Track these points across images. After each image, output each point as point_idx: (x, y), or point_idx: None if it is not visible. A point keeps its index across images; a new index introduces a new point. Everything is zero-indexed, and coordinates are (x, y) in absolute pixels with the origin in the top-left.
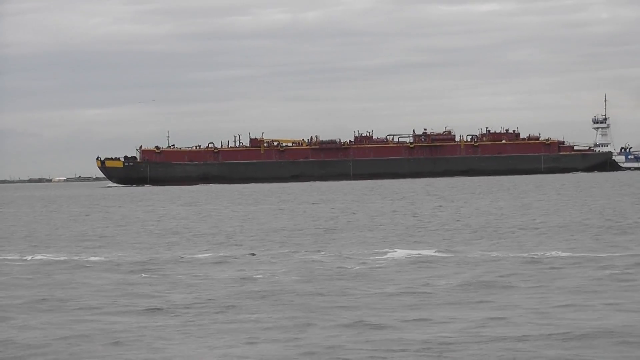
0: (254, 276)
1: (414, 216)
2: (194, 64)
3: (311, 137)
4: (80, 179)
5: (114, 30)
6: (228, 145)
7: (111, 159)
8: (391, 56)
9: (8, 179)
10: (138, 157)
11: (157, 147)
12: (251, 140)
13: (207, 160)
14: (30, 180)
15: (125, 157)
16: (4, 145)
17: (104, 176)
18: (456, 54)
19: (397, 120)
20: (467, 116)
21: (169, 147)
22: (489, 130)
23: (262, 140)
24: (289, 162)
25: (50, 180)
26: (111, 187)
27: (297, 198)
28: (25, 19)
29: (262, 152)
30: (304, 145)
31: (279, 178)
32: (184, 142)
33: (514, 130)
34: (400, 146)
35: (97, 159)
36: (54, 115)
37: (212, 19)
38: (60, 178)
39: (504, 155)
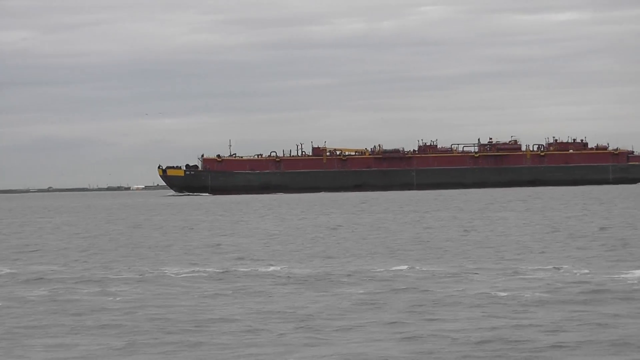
0: None
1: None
2: (268, 73)
3: (374, 146)
4: (158, 187)
5: (190, 40)
6: (290, 154)
7: (173, 167)
8: (465, 66)
9: (87, 187)
10: (200, 166)
11: (218, 155)
12: (313, 149)
13: (269, 169)
14: (109, 189)
15: (187, 166)
16: (82, 154)
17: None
18: (529, 63)
19: (465, 129)
20: (536, 126)
21: (231, 155)
22: (556, 140)
23: (324, 149)
24: (351, 171)
25: (128, 189)
26: (172, 196)
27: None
28: (102, 29)
29: (324, 161)
30: (366, 154)
31: (341, 187)
32: (254, 150)
33: (581, 140)
34: (465, 156)
35: (158, 167)
36: (130, 124)
37: (287, 28)
38: (139, 186)
39: (570, 165)
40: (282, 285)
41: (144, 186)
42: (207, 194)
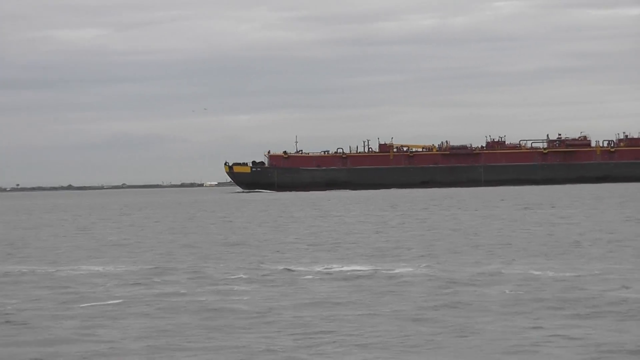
0: None
1: None
2: (340, 70)
3: (441, 142)
4: (231, 183)
5: (263, 36)
6: (357, 150)
7: (239, 164)
8: (536, 61)
9: (161, 183)
10: (266, 163)
11: (285, 152)
12: (380, 145)
13: (335, 165)
14: (182, 185)
15: (253, 163)
16: (155, 150)
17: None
18: (601, 59)
19: (534, 126)
20: (606, 122)
21: (297, 152)
22: (627, 136)
23: (391, 146)
24: (418, 167)
25: (201, 185)
26: (239, 192)
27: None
28: (177, 26)
29: (391, 157)
30: (434, 150)
31: (408, 184)
32: (322, 147)
33: None
34: (533, 152)
35: (225, 164)
36: (203, 121)
37: (359, 25)
38: (212, 183)
39: None
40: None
41: (217, 183)
42: (272, 191)
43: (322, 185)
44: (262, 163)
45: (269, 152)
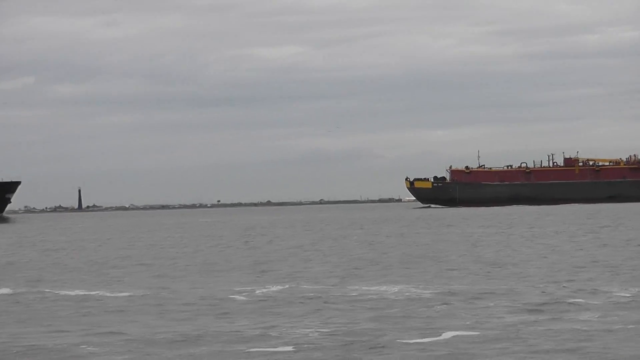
0: None
1: None
2: (535, 84)
3: (629, 156)
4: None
5: (461, 51)
6: (541, 165)
7: (420, 179)
8: None
9: (358, 199)
10: (447, 178)
11: (466, 167)
12: (565, 159)
13: (518, 180)
14: (380, 200)
15: (435, 178)
16: (351, 166)
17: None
18: None
19: None
20: None
21: (479, 167)
22: None
23: (576, 160)
24: (604, 182)
25: (399, 200)
26: (420, 208)
27: None
28: (374, 42)
29: (577, 171)
30: (621, 164)
31: (594, 199)
32: (511, 161)
33: None
34: None
35: (406, 179)
36: (398, 137)
37: (557, 38)
38: (410, 198)
39: None
40: None
41: (414, 198)
42: (455, 207)
43: (504, 201)
44: (444, 178)
45: (450, 167)
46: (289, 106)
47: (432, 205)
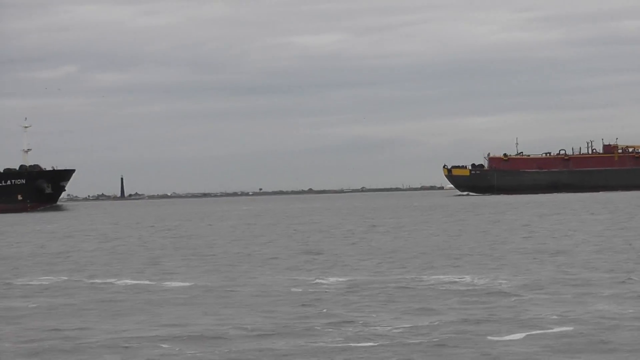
0: None
1: None
2: (574, 70)
3: None
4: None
5: (502, 38)
6: (580, 152)
7: (458, 167)
8: None
9: (400, 186)
10: (485, 165)
11: (505, 154)
12: (604, 146)
13: (557, 167)
14: (422, 188)
15: (473, 165)
16: (392, 153)
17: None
18: None
19: None
20: None
21: (518, 154)
22: None
23: (616, 147)
24: None
25: (441, 188)
26: (457, 195)
27: None
28: (414, 29)
29: (616, 158)
30: None
31: (634, 186)
32: (547, 149)
33: None
34: None
35: (443, 167)
36: (438, 124)
37: (597, 24)
38: (451, 185)
39: None
40: None
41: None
42: (493, 194)
43: (543, 188)
44: (482, 166)
45: (488, 154)
46: (329, 94)
47: (471, 193)
